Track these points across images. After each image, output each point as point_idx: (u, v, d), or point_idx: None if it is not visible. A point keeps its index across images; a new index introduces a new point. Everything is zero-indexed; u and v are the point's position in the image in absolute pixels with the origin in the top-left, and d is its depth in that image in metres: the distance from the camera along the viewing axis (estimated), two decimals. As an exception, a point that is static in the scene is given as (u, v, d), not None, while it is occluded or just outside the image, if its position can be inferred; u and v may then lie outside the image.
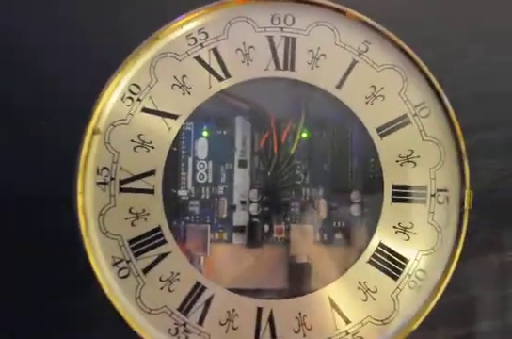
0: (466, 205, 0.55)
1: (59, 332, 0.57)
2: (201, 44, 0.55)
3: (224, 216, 0.58)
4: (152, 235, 0.54)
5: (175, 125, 0.55)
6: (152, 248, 0.54)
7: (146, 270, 0.54)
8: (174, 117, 0.55)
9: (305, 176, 0.58)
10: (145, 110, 0.55)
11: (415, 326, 0.54)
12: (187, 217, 0.57)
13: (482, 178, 0.57)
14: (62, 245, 0.55)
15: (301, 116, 0.58)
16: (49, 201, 0.57)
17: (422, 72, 0.55)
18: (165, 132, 0.55)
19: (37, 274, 0.58)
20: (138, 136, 0.54)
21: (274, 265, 0.57)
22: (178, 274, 0.54)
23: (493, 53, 0.59)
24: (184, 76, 0.55)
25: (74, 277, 0.55)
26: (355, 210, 0.58)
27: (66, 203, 0.53)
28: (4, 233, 0.58)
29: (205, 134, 0.58)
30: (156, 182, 0.54)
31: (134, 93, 0.55)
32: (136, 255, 0.54)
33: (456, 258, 0.54)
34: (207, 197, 0.58)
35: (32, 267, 0.58)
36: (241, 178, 0.58)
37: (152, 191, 0.54)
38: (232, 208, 0.58)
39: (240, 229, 0.58)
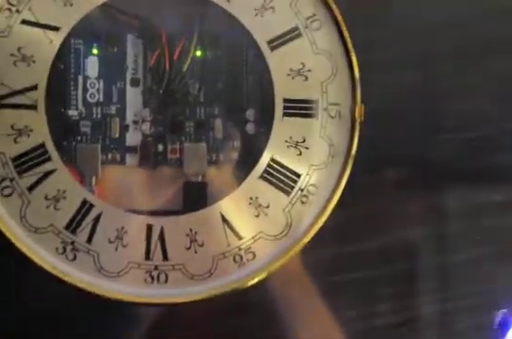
0: (357, 119, 0.54)
1: None
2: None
3: (116, 136, 0.56)
4: (36, 152, 0.53)
5: (57, 38, 0.53)
6: (36, 165, 0.53)
7: (30, 188, 0.53)
8: (56, 29, 0.53)
9: (199, 94, 0.57)
10: (25, 22, 0.52)
11: (306, 240, 0.53)
12: (78, 138, 0.56)
13: (375, 93, 0.56)
14: None
15: (194, 33, 0.56)
16: None
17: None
18: (46, 45, 0.53)
19: None
20: (18, 49, 0.52)
21: (168, 185, 0.56)
22: (64, 192, 0.53)
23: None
24: (67, -14, 0.52)
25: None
26: (250, 128, 0.57)
27: None
28: None
29: (95, 51, 0.56)
30: (39, 97, 0.52)
31: (12, 4, 0.52)
32: (20, 173, 0.52)
33: (347, 173, 0.54)
34: (99, 117, 0.56)
35: None
36: (133, 97, 0.57)
37: (34, 107, 0.52)
38: (124, 128, 0.56)
39: (133, 149, 0.56)
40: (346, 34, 0.54)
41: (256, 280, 0.53)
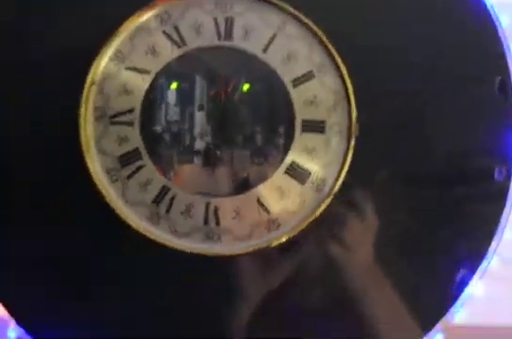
0: (353, 134, 0.79)
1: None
2: (166, 22, 0.80)
3: (188, 143, 0.82)
4: (133, 153, 0.79)
5: (148, 78, 0.78)
6: (133, 162, 0.79)
7: (128, 177, 0.79)
8: (147, 72, 0.79)
9: (246, 116, 0.82)
10: (127, 68, 0.80)
11: (318, 215, 0.78)
12: (162, 144, 0.82)
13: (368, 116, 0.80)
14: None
15: (242, 74, 0.82)
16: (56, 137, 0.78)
17: (322, 42, 0.80)
18: (141, 83, 0.79)
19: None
20: (123, 85, 0.79)
21: (223, 178, 0.82)
22: (151, 180, 0.79)
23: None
24: (154, 45, 0.80)
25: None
26: (281, 140, 0.82)
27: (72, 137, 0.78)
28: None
29: (174, 87, 0.82)
30: (135, 117, 0.79)
31: (119, 57, 0.80)
32: (122, 166, 0.79)
33: (345, 170, 0.78)
34: (176, 130, 0.83)
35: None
36: (200, 118, 0.83)
37: (132, 124, 0.79)
38: (193, 139, 0.83)
39: (199, 153, 0.82)
40: (346, 78, 0.79)
41: (278, 241, 0.78)
